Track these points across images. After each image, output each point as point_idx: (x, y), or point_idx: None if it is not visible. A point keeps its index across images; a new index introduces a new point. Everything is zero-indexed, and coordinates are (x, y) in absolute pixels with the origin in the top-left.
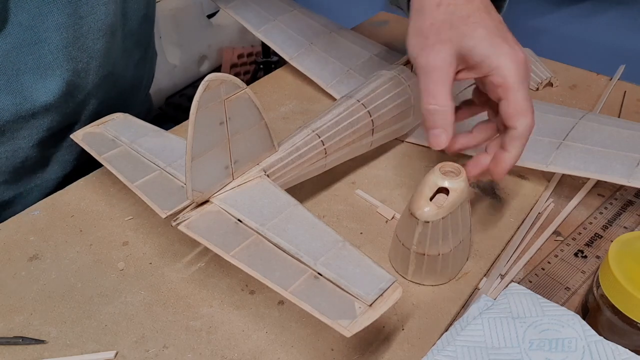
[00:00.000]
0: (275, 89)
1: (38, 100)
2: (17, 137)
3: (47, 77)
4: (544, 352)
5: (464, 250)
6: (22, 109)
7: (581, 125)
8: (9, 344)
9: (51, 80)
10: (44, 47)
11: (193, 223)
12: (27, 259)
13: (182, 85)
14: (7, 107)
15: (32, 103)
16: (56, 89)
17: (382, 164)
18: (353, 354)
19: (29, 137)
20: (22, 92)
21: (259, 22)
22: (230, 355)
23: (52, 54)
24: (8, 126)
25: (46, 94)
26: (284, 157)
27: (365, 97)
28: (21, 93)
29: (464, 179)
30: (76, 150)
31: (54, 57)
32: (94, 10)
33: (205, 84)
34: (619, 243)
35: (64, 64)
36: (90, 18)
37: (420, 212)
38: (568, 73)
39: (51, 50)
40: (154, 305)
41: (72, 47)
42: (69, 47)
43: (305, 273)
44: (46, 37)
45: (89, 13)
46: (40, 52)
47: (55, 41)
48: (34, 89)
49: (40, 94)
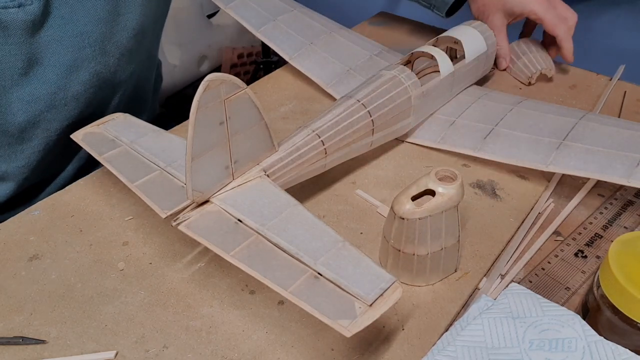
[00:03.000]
0: (275, 89)
1: (70, 90)
2: (50, 128)
3: (82, 68)
4: (544, 352)
5: (447, 259)
6: (57, 99)
7: (581, 125)
8: (9, 344)
9: (85, 72)
10: (84, 40)
11: (193, 223)
12: (27, 259)
13: (182, 85)
14: (43, 97)
15: (65, 92)
16: (88, 80)
17: (382, 164)
18: (353, 354)
19: (60, 128)
20: (57, 82)
21: (259, 22)
22: (230, 355)
23: (91, 47)
24: (42, 116)
25: (79, 84)
26: (284, 157)
27: (365, 97)
28: (56, 83)
29: (456, 187)
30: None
31: (92, 50)
32: (132, 9)
33: (205, 84)
34: (619, 243)
35: (98, 57)
36: (127, 16)
37: (397, 207)
38: (568, 73)
39: (90, 43)
40: (154, 305)
41: (108, 42)
42: (105, 41)
43: (305, 273)
44: (86, 30)
45: (127, 11)
46: (80, 45)
47: (94, 35)
48: (68, 79)
49: (74, 84)
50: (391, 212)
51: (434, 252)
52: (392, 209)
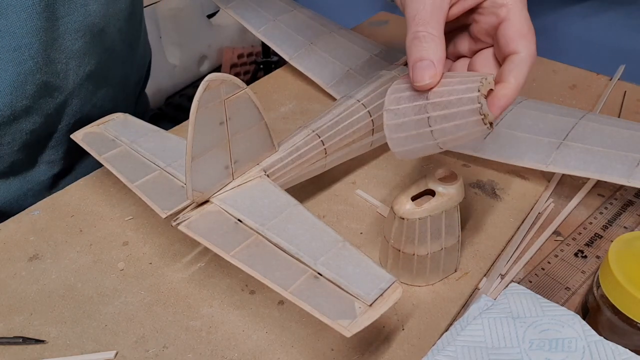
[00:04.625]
0: (275, 89)
1: (18, 104)
2: (2, 143)
3: (28, 82)
4: (544, 352)
5: (447, 259)
6: (4, 115)
7: (581, 125)
8: (9, 344)
9: (31, 84)
10: (24, 52)
11: (193, 223)
12: (27, 259)
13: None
14: None
15: (12, 108)
16: (35, 92)
17: (382, 164)
18: (353, 354)
19: (13, 142)
20: (3, 99)
21: (259, 22)
22: (230, 355)
23: (33, 59)
24: None
25: (26, 98)
26: (284, 157)
27: (366, 97)
28: (2, 100)
29: (456, 187)
30: (62, 149)
31: (34, 62)
32: (72, 11)
33: (205, 84)
34: (619, 243)
35: (43, 67)
36: (67, 19)
37: (397, 207)
38: (568, 73)
39: (32, 55)
40: (154, 305)
41: (51, 49)
42: (47, 49)
43: (305, 273)
44: (26, 42)
45: (66, 14)
46: (21, 58)
47: (35, 46)
48: (14, 95)
49: (20, 98)
50: (391, 212)
51: (434, 252)
52: (392, 209)
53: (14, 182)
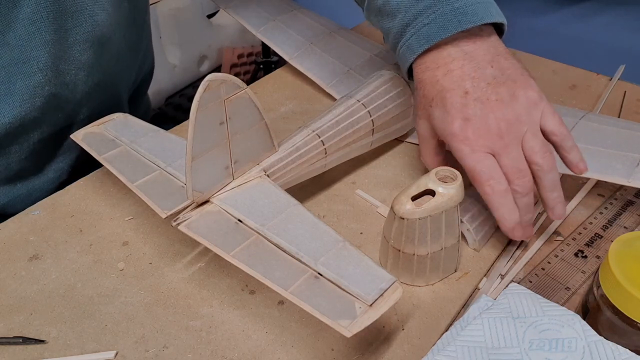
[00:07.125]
0: (275, 89)
1: (27, 116)
2: (10, 152)
3: (37, 94)
4: (544, 352)
5: (447, 259)
6: (13, 127)
7: (581, 125)
8: (9, 344)
9: (40, 97)
10: (32, 65)
11: (193, 223)
12: (27, 259)
13: (182, 85)
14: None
15: (21, 120)
16: (44, 104)
17: (382, 164)
18: (353, 354)
19: (21, 150)
20: (12, 112)
21: (259, 22)
22: (230, 355)
23: (42, 72)
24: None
25: (35, 110)
26: (284, 157)
27: (366, 97)
28: (11, 112)
29: (456, 187)
30: (70, 157)
31: (43, 75)
32: (80, 22)
33: (206, 84)
34: (619, 243)
35: (52, 79)
36: (75, 30)
37: (397, 207)
38: (568, 73)
39: (40, 68)
40: (154, 305)
41: (60, 61)
42: (56, 61)
43: (305, 273)
44: (34, 55)
45: (75, 26)
46: (30, 71)
47: (44, 58)
48: (23, 107)
49: (30, 110)
50: (391, 212)
51: (434, 252)
52: (392, 209)
53: (21, 187)
